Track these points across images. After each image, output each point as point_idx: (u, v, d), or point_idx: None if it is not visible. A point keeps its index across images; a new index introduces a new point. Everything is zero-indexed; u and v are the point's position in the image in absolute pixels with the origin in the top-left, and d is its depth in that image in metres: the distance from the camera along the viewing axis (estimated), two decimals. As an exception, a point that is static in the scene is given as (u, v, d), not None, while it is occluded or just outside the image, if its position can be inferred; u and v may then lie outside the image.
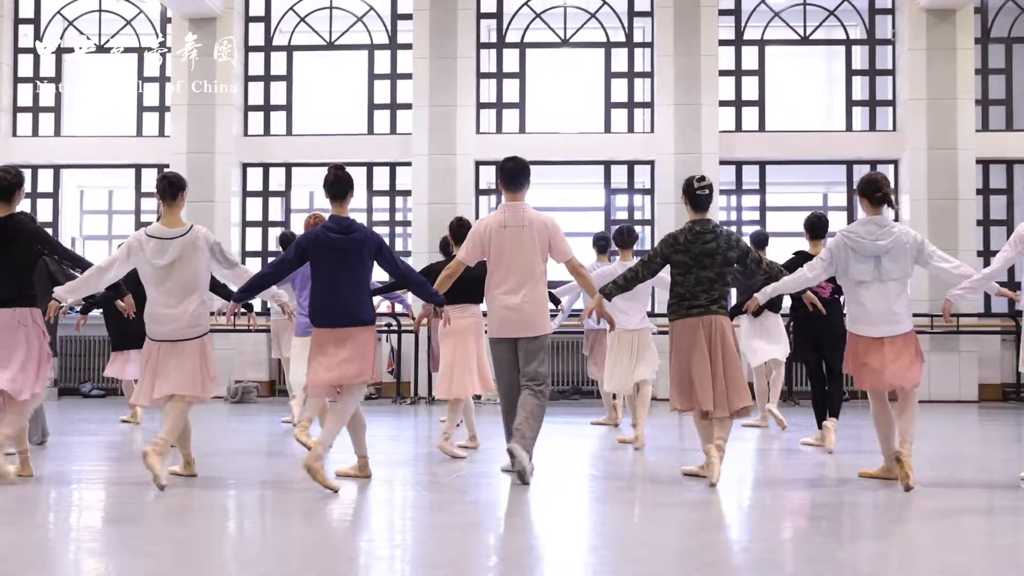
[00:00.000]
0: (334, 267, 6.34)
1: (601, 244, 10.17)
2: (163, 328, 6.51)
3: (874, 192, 6.53)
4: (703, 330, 6.56)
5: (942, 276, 6.67)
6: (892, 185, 13.86)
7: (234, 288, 6.85)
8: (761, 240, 10.39)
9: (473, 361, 7.92)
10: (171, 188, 6.63)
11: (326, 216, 6.67)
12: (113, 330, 9.83)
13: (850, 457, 7.89)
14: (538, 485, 6.59)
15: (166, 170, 8.43)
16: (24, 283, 6.61)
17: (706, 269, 6.59)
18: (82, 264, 6.85)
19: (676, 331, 6.65)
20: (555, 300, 9.27)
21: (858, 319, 6.54)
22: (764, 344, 9.85)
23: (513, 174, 6.84)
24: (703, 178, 6.72)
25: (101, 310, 9.83)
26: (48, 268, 7.59)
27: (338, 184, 6.48)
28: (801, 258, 8.18)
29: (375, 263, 6.55)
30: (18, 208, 6.75)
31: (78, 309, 9.28)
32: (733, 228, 14.46)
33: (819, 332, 8.25)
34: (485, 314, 7.33)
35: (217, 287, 7.16)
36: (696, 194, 6.67)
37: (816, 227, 8.56)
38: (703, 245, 6.60)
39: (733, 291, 9.67)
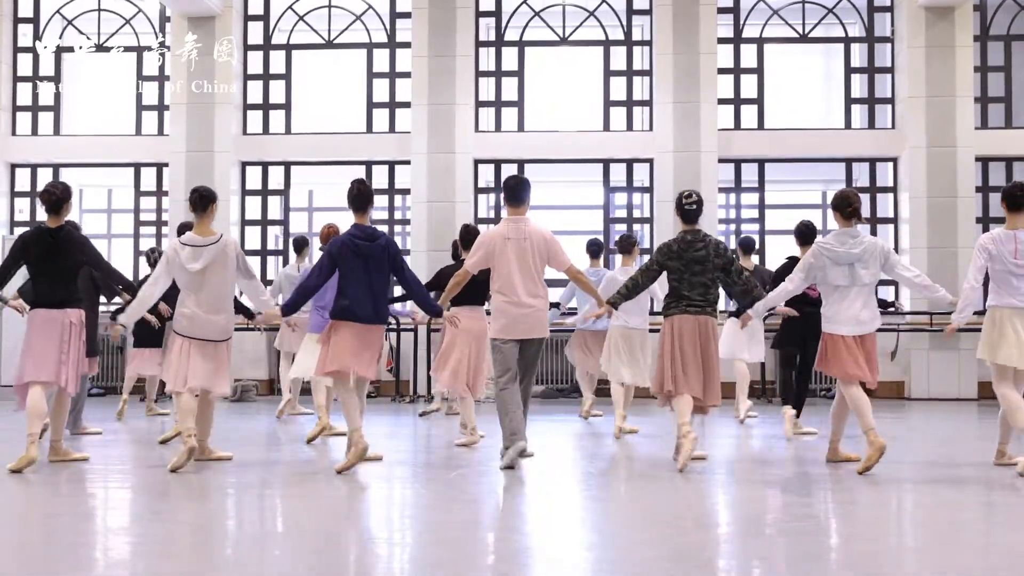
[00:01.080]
0: (363, 270, 6.98)
1: (594, 249, 10.57)
2: (201, 330, 7.11)
3: (846, 207, 7.15)
4: (698, 328, 7.23)
5: (904, 284, 7.55)
6: (893, 183, 14.18)
7: (247, 302, 7.62)
8: (749, 245, 10.94)
9: (484, 366, 8.48)
10: (202, 201, 7.24)
11: (338, 225, 7.07)
12: (142, 329, 10.24)
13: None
14: (536, 483, 6.65)
15: (197, 185, 8.87)
16: (73, 288, 7.12)
17: (697, 275, 7.27)
18: (115, 277, 7.54)
19: (673, 324, 7.28)
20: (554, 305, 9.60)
21: (832, 319, 7.14)
22: (751, 345, 10.41)
23: (515, 190, 7.39)
24: (691, 194, 7.42)
25: None
26: (92, 275, 8.11)
27: (361, 197, 7.14)
28: (792, 263, 8.80)
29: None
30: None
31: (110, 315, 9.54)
32: (732, 226, 14.51)
33: (804, 328, 8.72)
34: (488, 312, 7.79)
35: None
36: (685, 209, 7.37)
37: (804, 234, 9.14)
38: (694, 252, 7.26)
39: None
